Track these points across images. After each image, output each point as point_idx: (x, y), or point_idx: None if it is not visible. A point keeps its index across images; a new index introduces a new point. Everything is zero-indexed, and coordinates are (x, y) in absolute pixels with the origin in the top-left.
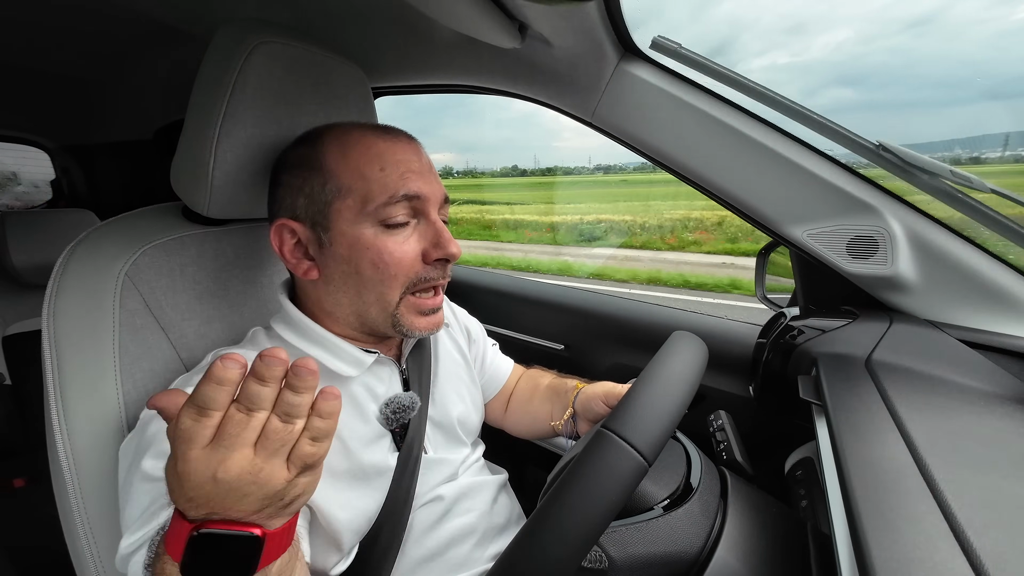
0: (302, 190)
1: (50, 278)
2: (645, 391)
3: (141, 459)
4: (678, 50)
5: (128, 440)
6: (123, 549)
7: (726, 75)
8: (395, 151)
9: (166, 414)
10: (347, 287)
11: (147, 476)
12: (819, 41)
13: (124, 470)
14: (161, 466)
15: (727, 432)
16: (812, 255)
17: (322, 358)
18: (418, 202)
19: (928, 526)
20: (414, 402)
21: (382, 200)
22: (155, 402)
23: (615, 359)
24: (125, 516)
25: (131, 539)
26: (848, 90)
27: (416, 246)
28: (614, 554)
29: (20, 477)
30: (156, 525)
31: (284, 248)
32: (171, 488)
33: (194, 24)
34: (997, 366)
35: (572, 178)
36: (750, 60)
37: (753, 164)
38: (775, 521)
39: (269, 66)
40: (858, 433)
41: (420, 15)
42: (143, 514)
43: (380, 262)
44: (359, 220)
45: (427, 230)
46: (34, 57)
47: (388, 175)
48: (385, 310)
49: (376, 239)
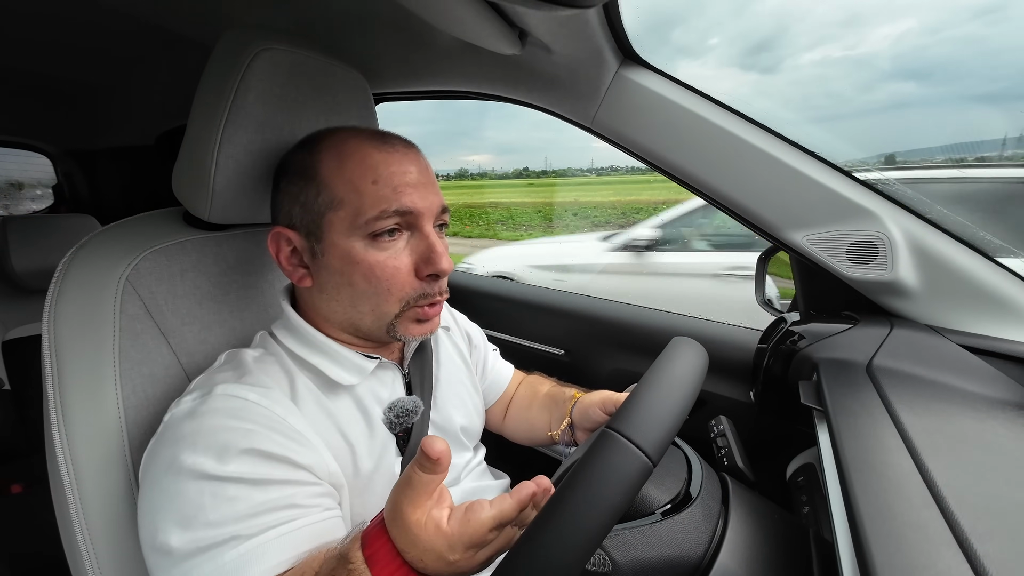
0: (298, 199)
1: (51, 283)
2: (648, 393)
3: (221, 460)
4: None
5: (166, 441)
6: (199, 542)
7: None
8: (390, 163)
9: (440, 464)
10: (340, 296)
11: (234, 478)
12: (877, 33)
13: (179, 470)
14: (242, 466)
15: (728, 438)
16: (812, 260)
17: (323, 366)
18: (411, 216)
19: (931, 532)
20: (417, 406)
21: (373, 214)
22: (437, 451)
23: (615, 364)
24: (195, 512)
25: (217, 533)
26: (911, 84)
27: (408, 260)
28: (618, 558)
29: (18, 482)
30: (269, 524)
31: (280, 255)
32: (420, 556)
33: (196, 30)
34: (998, 371)
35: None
36: (799, 55)
37: (753, 169)
38: (777, 527)
39: (271, 72)
40: (860, 438)
41: (421, 22)
42: (244, 514)
43: (372, 276)
44: (351, 233)
45: (419, 244)
46: (37, 63)
47: (381, 188)
48: (380, 320)
49: (367, 253)
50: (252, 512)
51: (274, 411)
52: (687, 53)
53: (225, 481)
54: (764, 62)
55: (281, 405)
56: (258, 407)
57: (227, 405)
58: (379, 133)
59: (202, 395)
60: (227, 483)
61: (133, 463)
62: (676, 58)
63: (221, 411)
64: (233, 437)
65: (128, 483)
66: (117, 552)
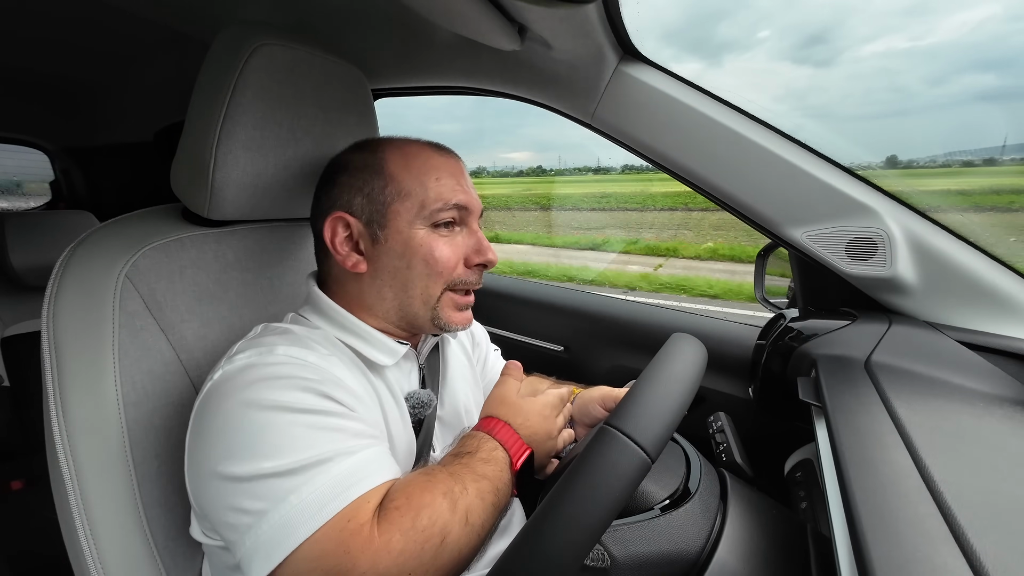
0: (362, 190)
1: (50, 279)
2: (647, 389)
3: (303, 398)
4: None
5: (232, 388)
6: (303, 461)
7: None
8: (448, 166)
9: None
10: (395, 281)
11: (321, 410)
12: (950, 22)
13: (260, 406)
14: (322, 403)
15: (727, 434)
16: (811, 256)
17: (358, 346)
18: (464, 212)
19: (928, 528)
20: (431, 399)
21: (438, 206)
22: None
23: (615, 361)
24: (290, 441)
25: (319, 452)
26: (989, 75)
27: (460, 250)
28: (616, 553)
29: (18, 479)
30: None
31: (336, 239)
32: (519, 412)
33: (194, 27)
34: (996, 367)
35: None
36: (859, 47)
37: (753, 166)
38: (775, 523)
39: (269, 68)
40: (858, 435)
41: (420, 18)
42: (342, 435)
43: (431, 259)
44: (415, 221)
45: (469, 238)
46: (34, 59)
47: (443, 185)
48: (427, 303)
49: (428, 238)
50: (346, 435)
51: (334, 372)
52: (734, 48)
53: (313, 413)
54: (819, 55)
55: (338, 368)
56: (320, 367)
57: (291, 360)
58: (434, 143)
59: (260, 352)
60: (316, 414)
61: (133, 459)
62: (721, 53)
63: (289, 364)
64: (307, 383)
65: (129, 479)
66: (119, 547)
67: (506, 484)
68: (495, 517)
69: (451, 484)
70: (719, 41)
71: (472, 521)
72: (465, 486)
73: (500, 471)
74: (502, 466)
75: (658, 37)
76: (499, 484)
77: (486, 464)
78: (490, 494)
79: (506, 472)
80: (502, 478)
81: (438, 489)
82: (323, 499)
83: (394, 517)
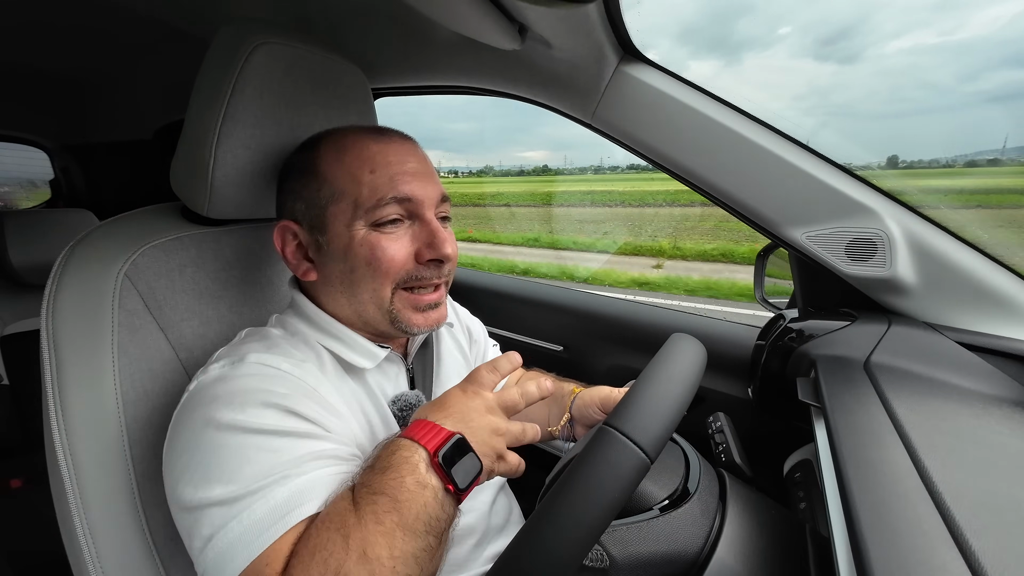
0: (301, 195)
1: (49, 278)
2: (646, 389)
3: (261, 416)
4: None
5: (199, 403)
6: (248, 487)
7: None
8: (387, 153)
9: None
10: (343, 286)
11: (277, 430)
12: (983, 16)
13: (218, 426)
14: (282, 421)
15: (726, 434)
16: (811, 257)
17: (338, 350)
18: (410, 204)
19: (927, 528)
20: (420, 400)
21: (371, 203)
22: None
23: (614, 360)
24: (240, 463)
25: (265, 479)
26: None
27: (409, 246)
28: (615, 553)
29: (17, 478)
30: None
31: (286, 249)
32: (444, 408)
33: (195, 24)
34: (995, 368)
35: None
36: (885, 43)
37: (753, 166)
38: (774, 523)
39: (269, 66)
40: (857, 435)
41: (420, 17)
42: (289, 460)
43: (373, 259)
44: (352, 222)
45: (421, 231)
46: (34, 56)
47: (378, 177)
48: (380, 306)
49: (369, 238)
50: (298, 459)
51: (306, 381)
52: (754, 45)
53: (268, 434)
54: (843, 51)
55: (313, 376)
56: (291, 376)
57: (261, 371)
58: (377, 128)
59: (232, 362)
60: (270, 436)
61: (132, 458)
62: (740, 51)
63: (256, 375)
64: (271, 397)
65: (128, 477)
66: (118, 546)
67: (413, 490)
68: (410, 538)
69: (346, 515)
70: (738, 39)
71: (373, 554)
72: (360, 513)
73: (401, 477)
74: (406, 469)
75: (674, 36)
76: (401, 495)
77: (383, 474)
78: (389, 513)
79: (414, 474)
80: (406, 484)
81: (332, 524)
82: (260, 526)
83: (294, 567)
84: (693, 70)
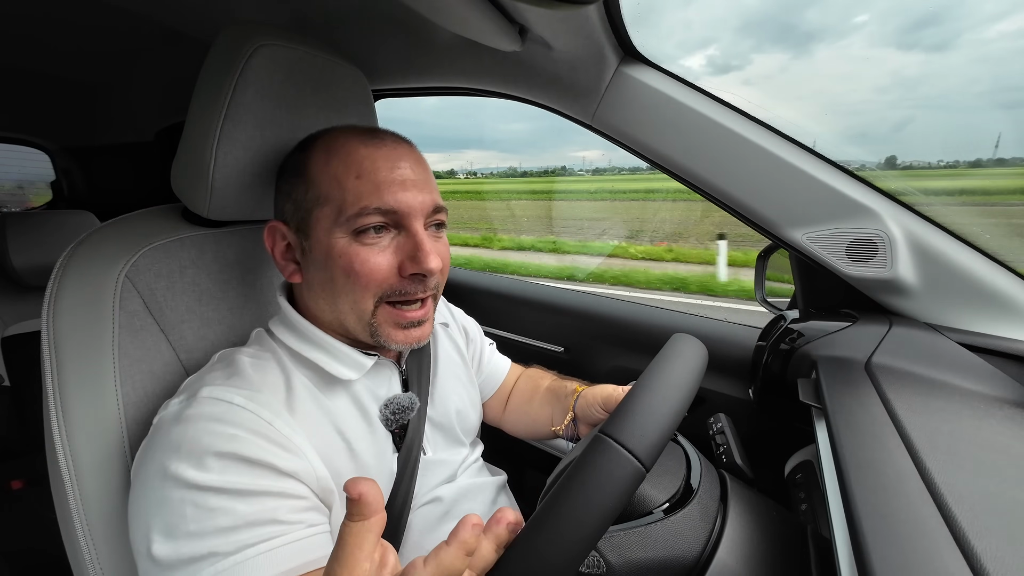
0: (290, 196)
1: (50, 279)
2: (643, 395)
3: (202, 468)
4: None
5: (155, 447)
6: (180, 554)
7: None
8: (375, 158)
9: (365, 503)
10: (324, 293)
11: (217, 488)
12: None
13: (164, 477)
14: (223, 476)
15: (727, 435)
16: (812, 258)
17: (322, 361)
18: (396, 215)
19: (929, 530)
20: (413, 403)
21: (354, 210)
22: (359, 489)
23: (615, 362)
24: (178, 521)
25: (197, 547)
26: None
27: (392, 258)
28: (612, 559)
29: (18, 479)
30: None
31: (276, 250)
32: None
33: (195, 26)
34: (997, 369)
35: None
36: (983, 27)
37: (753, 167)
38: (775, 524)
39: (270, 68)
40: (858, 436)
41: (421, 18)
42: (224, 527)
43: (351, 271)
44: (334, 229)
45: (406, 242)
46: (36, 59)
47: (364, 184)
48: (361, 319)
49: (349, 248)
50: (232, 526)
51: (260, 415)
52: (826, 35)
53: (206, 491)
54: (931, 39)
55: (269, 408)
56: (243, 411)
57: (211, 410)
58: (370, 130)
59: (188, 398)
60: (208, 493)
61: (133, 459)
62: (810, 43)
63: (204, 416)
64: (215, 442)
65: (128, 479)
66: (118, 549)
67: None
68: None
69: None
70: (806, 29)
71: None
72: None
73: None
74: None
75: (735, 29)
76: None
77: None
78: None
79: None
80: None
81: None
82: None
83: None
84: (757, 64)
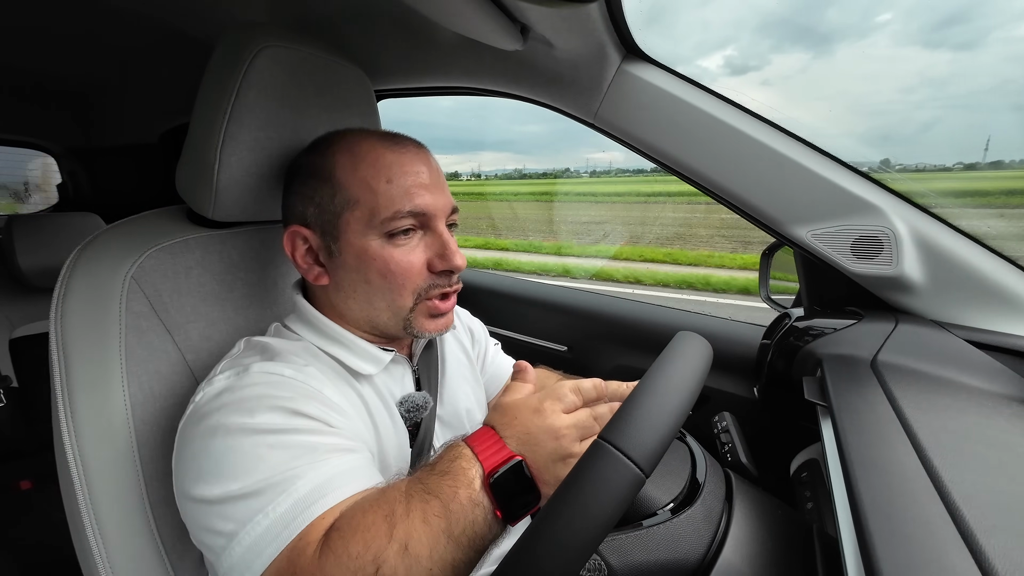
0: (312, 199)
1: (57, 281)
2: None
3: (269, 418)
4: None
5: (207, 412)
6: (267, 480)
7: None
8: (403, 163)
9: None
10: (357, 294)
11: (284, 428)
12: None
13: (227, 431)
14: (290, 421)
15: (731, 434)
16: (816, 255)
17: (342, 356)
18: (424, 217)
19: (936, 528)
20: (427, 401)
21: (388, 214)
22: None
23: (618, 361)
24: (255, 463)
25: (282, 474)
26: None
27: (422, 256)
28: (613, 562)
29: (27, 479)
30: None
31: (296, 253)
32: (511, 423)
33: (199, 28)
34: (1004, 367)
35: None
36: (1014, 25)
37: (757, 164)
38: (780, 523)
39: (273, 70)
40: (864, 435)
41: (423, 18)
42: (304, 454)
43: (388, 272)
44: (366, 232)
45: (433, 241)
46: (41, 61)
47: (395, 188)
48: (397, 315)
49: (383, 250)
50: (312, 450)
51: (310, 384)
52: (848, 34)
53: (277, 433)
54: (958, 37)
55: (316, 380)
56: (295, 380)
57: (266, 379)
58: (390, 134)
59: (237, 372)
60: (280, 434)
61: (141, 459)
62: (831, 42)
63: (261, 383)
64: (277, 401)
65: (136, 478)
66: (127, 547)
67: (464, 504)
68: (452, 547)
69: (395, 505)
70: (827, 28)
71: (413, 551)
72: (409, 507)
73: (456, 488)
74: (462, 481)
75: (753, 29)
76: (452, 504)
77: (441, 478)
78: (438, 517)
79: (468, 489)
80: (459, 496)
81: (380, 510)
82: (286, 519)
83: (333, 539)
84: (776, 64)
